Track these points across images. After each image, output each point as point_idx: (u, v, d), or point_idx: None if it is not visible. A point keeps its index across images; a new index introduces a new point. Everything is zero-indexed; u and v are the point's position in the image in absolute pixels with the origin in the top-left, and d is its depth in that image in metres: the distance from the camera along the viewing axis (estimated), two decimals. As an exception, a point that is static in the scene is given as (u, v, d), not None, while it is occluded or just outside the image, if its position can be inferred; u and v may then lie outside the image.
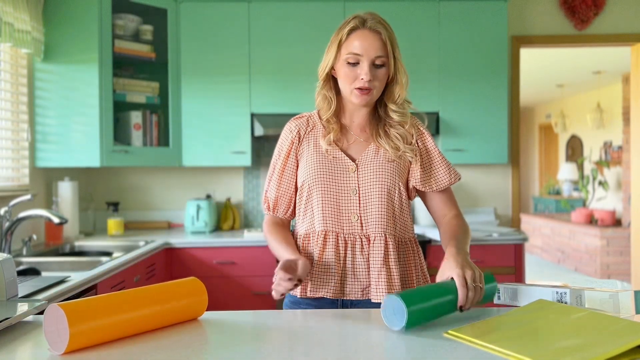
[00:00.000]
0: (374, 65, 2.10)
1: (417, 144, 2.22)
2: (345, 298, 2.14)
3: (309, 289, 2.15)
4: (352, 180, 2.16)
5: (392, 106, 2.18)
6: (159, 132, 4.82)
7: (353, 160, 2.19)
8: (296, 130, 2.28)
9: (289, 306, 2.26)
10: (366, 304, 2.14)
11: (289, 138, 2.27)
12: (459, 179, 2.27)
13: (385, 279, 2.10)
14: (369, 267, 2.13)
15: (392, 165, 2.17)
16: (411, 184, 2.23)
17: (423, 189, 2.23)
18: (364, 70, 2.08)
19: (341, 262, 2.13)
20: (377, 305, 2.11)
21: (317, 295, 2.13)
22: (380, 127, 2.21)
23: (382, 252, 2.12)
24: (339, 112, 2.27)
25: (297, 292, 2.18)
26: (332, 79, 2.23)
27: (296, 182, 2.27)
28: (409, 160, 2.19)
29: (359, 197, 2.15)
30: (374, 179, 2.15)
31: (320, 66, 2.24)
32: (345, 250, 2.14)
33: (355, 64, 2.10)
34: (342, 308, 2.15)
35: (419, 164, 2.20)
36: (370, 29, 2.11)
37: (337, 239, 2.14)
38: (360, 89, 2.11)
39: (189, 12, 4.77)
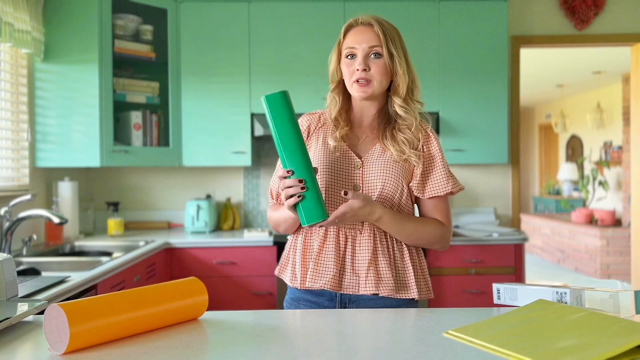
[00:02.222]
0: (370, 57, 2.14)
1: (423, 149, 2.22)
2: (343, 292, 2.15)
3: (308, 279, 2.16)
4: (356, 177, 2.18)
5: (396, 100, 2.18)
6: (159, 132, 4.82)
7: (359, 157, 2.21)
8: (306, 125, 2.32)
9: (289, 302, 2.29)
10: (364, 300, 2.14)
11: None
12: (460, 189, 2.24)
13: (374, 274, 2.10)
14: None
15: (397, 166, 2.17)
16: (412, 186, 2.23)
17: (417, 194, 2.23)
18: (358, 61, 2.14)
19: (341, 255, 2.15)
20: (374, 302, 2.13)
21: (315, 287, 2.14)
22: (389, 130, 2.21)
23: (371, 247, 2.13)
24: (349, 111, 2.30)
25: (298, 283, 2.20)
26: (342, 82, 2.27)
27: None
28: (414, 164, 2.20)
29: (362, 193, 2.15)
30: (378, 176, 2.16)
31: (329, 70, 2.30)
32: (346, 244, 2.15)
33: (353, 58, 2.16)
34: (341, 303, 2.16)
35: (421, 169, 2.20)
36: (362, 23, 2.18)
37: (338, 233, 2.16)
38: (358, 81, 2.14)
39: (189, 12, 4.77)
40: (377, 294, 2.11)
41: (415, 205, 2.31)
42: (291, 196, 1.99)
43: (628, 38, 5.35)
